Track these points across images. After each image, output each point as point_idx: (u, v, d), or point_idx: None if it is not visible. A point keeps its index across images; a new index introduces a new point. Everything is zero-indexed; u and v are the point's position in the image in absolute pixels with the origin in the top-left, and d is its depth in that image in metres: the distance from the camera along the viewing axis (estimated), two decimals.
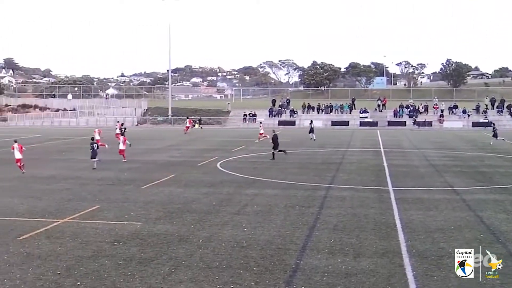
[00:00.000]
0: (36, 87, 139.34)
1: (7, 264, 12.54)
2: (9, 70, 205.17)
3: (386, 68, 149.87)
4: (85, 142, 49.11)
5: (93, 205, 19.43)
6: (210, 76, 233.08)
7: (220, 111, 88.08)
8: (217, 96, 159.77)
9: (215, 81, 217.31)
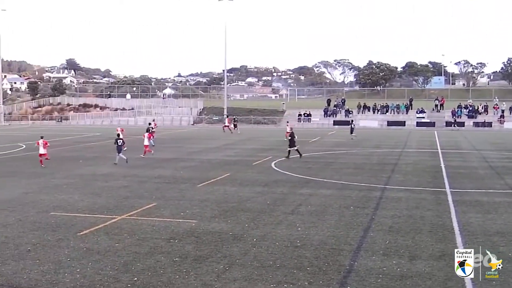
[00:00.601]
0: (96, 87, 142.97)
1: (68, 259, 12.91)
2: (71, 70, 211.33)
3: (444, 68, 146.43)
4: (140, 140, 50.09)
5: (150, 203, 19.77)
6: (265, 76, 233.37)
7: (275, 111, 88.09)
8: (272, 96, 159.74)
9: (270, 81, 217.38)
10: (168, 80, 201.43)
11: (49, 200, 20.44)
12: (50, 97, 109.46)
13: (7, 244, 14.21)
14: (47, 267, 12.23)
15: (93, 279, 11.46)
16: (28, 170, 29.25)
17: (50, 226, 16.26)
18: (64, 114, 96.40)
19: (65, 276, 11.62)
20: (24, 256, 13.18)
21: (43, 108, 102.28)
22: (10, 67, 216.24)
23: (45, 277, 11.54)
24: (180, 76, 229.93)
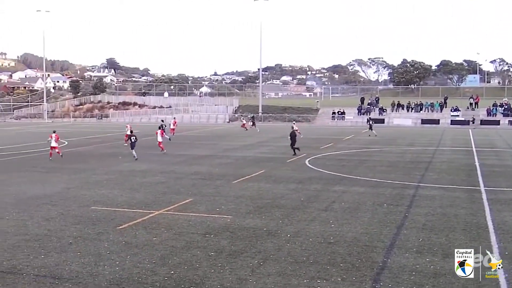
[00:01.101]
0: (135, 86, 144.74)
1: (107, 252, 13.12)
2: (111, 69, 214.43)
3: (479, 66, 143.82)
4: (179, 138, 50.52)
5: (187, 198, 19.93)
6: (299, 75, 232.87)
7: (309, 109, 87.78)
8: (306, 94, 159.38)
9: (304, 80, 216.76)
10: (204, 79, 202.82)
11: (90, 195, 20.78)
12: (91, 95, 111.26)
13: (49, 237, 14.51)
14: (87, 260, 12.44)
15: (132, 271, 11.61)
16: (70, 166, 29.78)
17: (90, 220, 16.54)
18: (104, 111, 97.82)
19: (105, 269, 11.80)
20: (66, 248, 13.44)
21: (84, 106, 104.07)
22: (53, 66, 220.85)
23: (85, 269, 11.75)
24: (216, 75, 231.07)
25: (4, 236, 14.63)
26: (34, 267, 11.91)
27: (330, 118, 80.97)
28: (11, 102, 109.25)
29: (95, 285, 10.82)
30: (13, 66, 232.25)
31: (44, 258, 12.58)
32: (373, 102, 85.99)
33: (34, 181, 24.34)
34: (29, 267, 11.90)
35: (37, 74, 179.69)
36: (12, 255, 12.84)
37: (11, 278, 11.19)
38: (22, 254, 12.88)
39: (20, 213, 17.45)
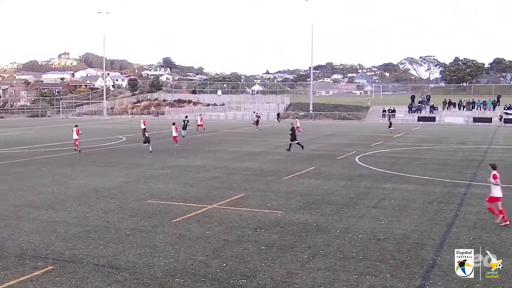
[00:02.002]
0: (190, 84, 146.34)
1: (162, 243, 13.34)
2: (167, 68, 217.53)
3: None
4: (231, 134, 50.85)
5: (239, 193, 20.04)
6: (350, 73, 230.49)
7: (360, 106, 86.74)
8: (356, 92, 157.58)
9: (355, 78, 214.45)
10: (256, 77, 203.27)
11: (146, 189, 21.17)
12: (148, 93, 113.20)
13: (108, 229, 14.87)
14: (143, 251, 12.69)
15: (185, 263, 11.77)
16: (128, 160, 30.41)
17: (147, 213, 16.85)
18: (160, 109, 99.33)
19: (160, 260, 12.01)
20: (123, 239, 13.74)
21: (142, 103, 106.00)
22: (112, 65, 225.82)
23: (141, 260, 11.98)
24: (268, 73, 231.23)
25: (66, 226, 15.09)
26: (94, 257, 12.23)
27: (381, 116, 79.75)
28: (73, 99, 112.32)
29: (151, 275, 11.02)
30: (75, 65, 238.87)
31: (103, 249, 12.90)
32: (424, 100, 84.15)
33: (94, 175, 24.98)
34: (89, 257, 12.23)
35: (98, 73, 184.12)
36: (74, 245, 13.23)
37: (73, 267, 11.53)
38: (82, 244, 13.25)
39: (81, 205, 17.95)
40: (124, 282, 10.61)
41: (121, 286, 10.39)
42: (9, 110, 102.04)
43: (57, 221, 15.72)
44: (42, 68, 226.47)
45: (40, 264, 11.75)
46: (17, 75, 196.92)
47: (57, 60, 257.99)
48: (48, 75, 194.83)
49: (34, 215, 16.53)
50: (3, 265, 11.64)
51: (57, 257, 12.22)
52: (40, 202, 18.57)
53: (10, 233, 14.35)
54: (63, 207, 17.67)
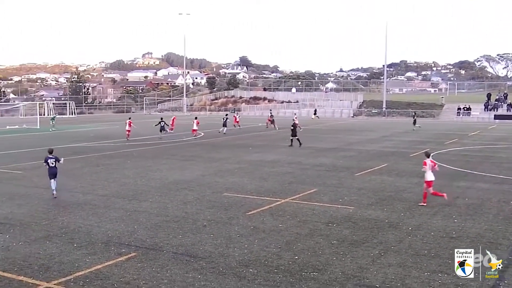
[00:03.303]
0: (265, 82, 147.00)
1: (237, 235, 13.51)
2: (244, 67, 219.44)
3: None
4: (305, 131, 50.66)
5: (311, 188, 19.97)
6: (424, 71, 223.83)
7: (434, 104, 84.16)
8: (430, 90, 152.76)
9: (429, 76, 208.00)
10: (330, 75, 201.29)
11: (222, 182, 21.48)
12: (225, 91, 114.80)
13: (186, 219, 15.21)
14: (219, 241, 12.89)
15: (259, 255, 11.86)
16: (206, 155, 30.97)
17: (223, 205, 17.10)
18: (237, 105, 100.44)
19: (235, 250, 12.16)
20: (200, 230, 14.02)
21: (219, 100, 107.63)
22: (192, 64, 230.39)
23: (217, 250, 12.19)
24: (342, 71, 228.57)
25: (148, 216, 15.57)
26: (173, 245, 12.55)
27: (455, 113, 77.09)
28: (156, 96, 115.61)
29: (226, 264, 11.18)
30: (158, 64, 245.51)
31: (182, 238, 13.21)
32: (501, 98, 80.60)
33: (174, 168, 25.61)
34: (168, 245, 12.56)
35: (178, 71, 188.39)
36: (155, 233, 13.63)
37: (153, 254, 11.89)
38: (163, 233, 13.63)
39: (162, 197, 18.46)
40: (200, 270, 10.83)
41: (198, 274, 10.61)
42: (97, 106, 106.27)
43: (140, 211, 16.26)
44: (128, 67, 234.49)
45: (124, 250, 12.19)
46: (105, 74, 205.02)
47: (141, 60, 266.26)
48: (133, 74, 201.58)
49: (119, 205, 17.16)
50: (90, 251, 12.17)
51: (139, 245, 12.64)
52: (124, 192, 19.27)
53: (97, 221, 14.98)
54: (146, 198, 18.24)
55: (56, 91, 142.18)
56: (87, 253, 12.00)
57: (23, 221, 14.97)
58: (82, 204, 17.22)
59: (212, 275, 10.55)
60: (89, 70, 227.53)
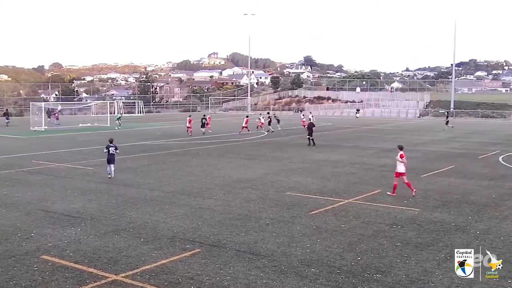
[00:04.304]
0: (329, 81, 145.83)
1: (299, 234, 13.47)
2: (308, 66, 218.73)
3: None
4: (369, 131, 49.97)
5: (375, 189, 19.66)
6: (495, 70, 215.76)
7: (505, 104, 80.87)
8: (502, 90, 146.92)
9: (500, 75, 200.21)
10: (396, 74, 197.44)
11: (285, 181, 21.49)
12: (289, 90, 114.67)
13: (249, 217, 15.31)
14: (281, 240, 12.90)
15: (321, 254, 11.79)
16: (269, 154, 31.07)
17: (285, 204, 17.11)
18: (301, 105, 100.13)
19: (297, 250, 12.14)
20: (263, 228, 14.08)
21: (283, 100, 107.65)
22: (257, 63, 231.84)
23: (280, 249, 12.20)
24: (408, 71, 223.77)
25: (212, 213, 15.79)
26: (236, 243, 12.67)
27: None
28: (221, 96, 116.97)
29: (288, 263, 11.18)
30: (223, 64, 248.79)
31: (245, 236, 13.32)
32: None
33: (238, 166, 25.84)
34: (231, 243, 12.69)
35: (243, 71, 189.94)
36: (218, 230, 13.80)
37: (217, 251, 12.04)
38: (226, 231, 13.79)
39: (225, 194, 18.68)
40: (263, 268, 10.87)
41: (260, 272, 10.66)
42: (164, 105, 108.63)
43: (204, 208, 16.51)
44: (194, 67, 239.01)
45: (189, 246, 12.41)
46: (172, 74, 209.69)
47: (207, 60, 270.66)
48: (199, 74, 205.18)
49: (184, 201, 17.50)
50: (156, 245, 12.46)
51: (203, 241, 12.83)
52: (189, 190, 19.62)
53: (163, 217, 15.33)
54: (210, 195, 18.50)
55: (125, 90, 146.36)
56: (153, 248, 12.30)
57: (93, 215, 15.53)
58: (149, 200, 17.68)
59: (274, 274, 10.57)
60: (157, 70, 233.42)
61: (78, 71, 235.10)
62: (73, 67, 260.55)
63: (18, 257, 11.60)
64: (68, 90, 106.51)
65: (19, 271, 10.73)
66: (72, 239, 13.02)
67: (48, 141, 40.29)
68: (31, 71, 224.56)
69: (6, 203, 17.33)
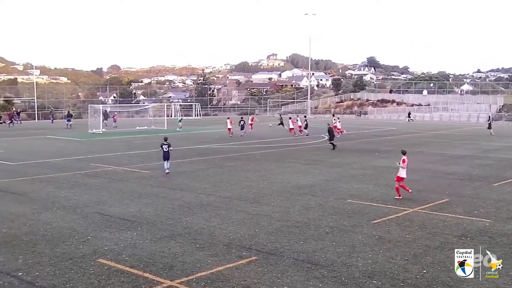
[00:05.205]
0: (394, 83, 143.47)
1: (361, 244, 13.30)
2: (371, 68, 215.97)
3: None
4: (436, 136, 48.82)
5: (442, 198, 19.17)
6: None
7: None
8: None
9: None
10: (466, 76, 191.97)
11: (346, 188, 21.28)
12: (351, 93, 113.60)
13: (308, 225, 15.25)
14: (342, 250, 12.77)
15: (384, 266, 11.59)
16: (329, 159, 30.86)
17: (346, 212, 16.93)
18: (363, 109, 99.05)
19: (358, 260, 11.98)
20: (322, 237, 13.98)
21: (344, 103, 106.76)
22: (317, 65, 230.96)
23: (340, 259, 12.08)
24: (480, 72, 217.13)
25: (269, 220, 15.82)
26: (294, 251, 12.64)
27: None
28: (279, 98, 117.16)
29: (348, 274, 11.05)
30: (282, 66, 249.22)
31: (303, 244, 13.26)
32: None
33: (297, 171, 25.79)
34: (289, 251, 12.67)
35: (303, 73, 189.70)
36: (276, 238, 13.81)
37: (274, 259, 12.05)
38: (284, 238, 13.78)
39: (283, 201, 18.68)
40: (322, 279, 10.79)
41: (319, 283, 10.59)
42: (222, 108, 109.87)
43: (261, 214, 16.56)
44: (252, 69, 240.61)
45: (245, 254, 12.48)
46: (230, 76, 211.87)
47: (266, 61, 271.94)
48: (257, 76, 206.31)
49: (241, 207, 17.62)
50: (212, 252, 12.60)
51: (260, 249, 12.87)
52: (246, 195, 19.74)
53: (219, 223, 15.49)
54: (267, 201, 18.55)
55: (182, 92, 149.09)
56: (209, 254, 12.44)
57: (149, 220, 15.87)
58: (205, 205, 17.90)
59: (334, 285, 10.48)
60: (215, 72, 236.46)
61: (136, 73, 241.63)
62: (131, 69, 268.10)
63: (75, 260, 12.00)
64: (126, 92, 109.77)
65: (76, 274, 11.10)
66: (128, 243, 13.35)
67: (105, 143, 41.54)
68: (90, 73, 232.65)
69: (64, 205, 17.98)
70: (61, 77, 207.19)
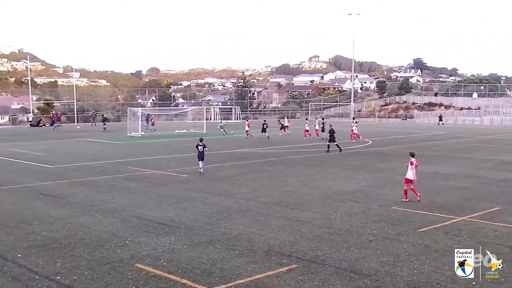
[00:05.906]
0: (442, 86, 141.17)
1: (406, 253, 13.09)
2: (418, 70, 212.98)
3: None
4: (487, 141, 47.75)
5: (494, 206, 18.72)
6: None
7: None
8: None
9: None
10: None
11: (391, 195, 21.00)
12: (396, 96, 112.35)
13: (351, 233, 15.11)
14: (386, 259, 12.60)
15: (430, 276, 11.38)
16: (373, 164, 30.53)
17: (390, 220, 16.71)
18: (409, 112, 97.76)
19: (403, 270, 11.80)
20: (366, 245, 13.83)
21: (389, 106, 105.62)
22: (361, 67, 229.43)
23: (383, 268, 11.92)
24: None
25: (310, 227, 15.74)
26: (336, 260, 12.53)
27: None
28: (321, 101, 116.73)
29: (393, 284, 10.89)
30: (325, 68, 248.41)
31: (345, 252, 13.15)
32: None
33: (339, 177, 25.61)
34: (331, 259, 12.57)
35: (346, 75, 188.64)
36: (317, 245, 13.73)
37: (315, 267, 11.97)
38: (325, 246, 13.69)
39: (325, 207, 18.56)
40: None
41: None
42: (262, 111, 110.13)
43: (302, 221, 16.49)
44: (294, 71, 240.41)
45: (285, 261, 12.44)
46: (271, 78, 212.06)
47: (308, 63, 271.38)
48: (298, 78, 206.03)
49: (281, 213, 17.59)
50: (251, 259, 12.61)
51: (300, 256, 12.81)
52: (287, 201, 19.70)
53: (259, 229, 15.49)
54: (308, 208, 18.47)
55: (222, 95, 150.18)
56: (248, 261, 12.45)
57: (187, 225, 16.00)
58: (244, 211, 17.94)
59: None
60: (255, 75, 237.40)
61: (175, 76, 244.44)
62: (170, 72, 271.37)
63: (113, 264, 12.19)
64: (165, 95, 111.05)
65: (114, 278, 11.27)
66: (166, 248, 13.49)
67: (144, 147, 42.14)
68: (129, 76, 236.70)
69: (102, 209, 18.30)
70: (100, 79, 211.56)
